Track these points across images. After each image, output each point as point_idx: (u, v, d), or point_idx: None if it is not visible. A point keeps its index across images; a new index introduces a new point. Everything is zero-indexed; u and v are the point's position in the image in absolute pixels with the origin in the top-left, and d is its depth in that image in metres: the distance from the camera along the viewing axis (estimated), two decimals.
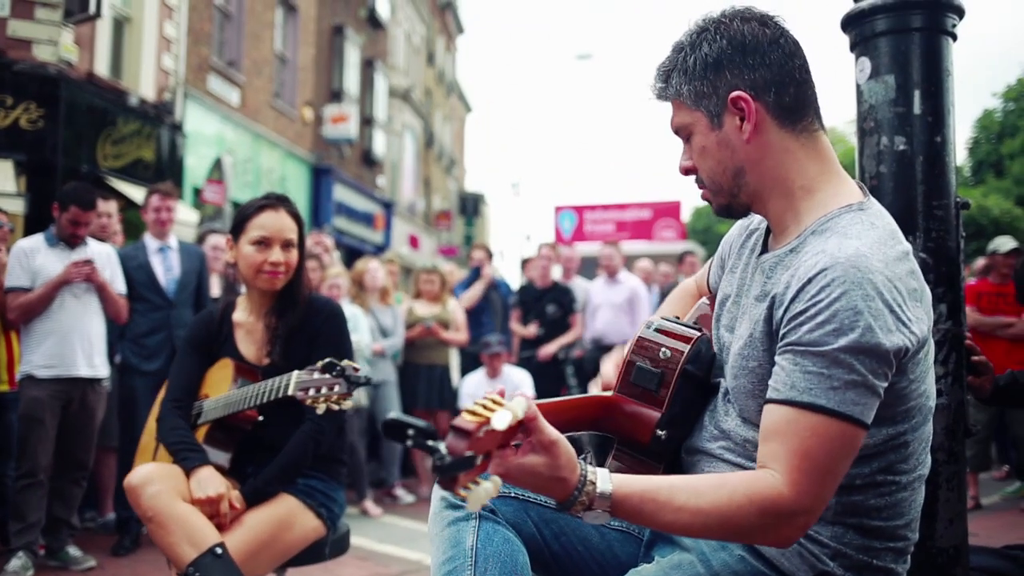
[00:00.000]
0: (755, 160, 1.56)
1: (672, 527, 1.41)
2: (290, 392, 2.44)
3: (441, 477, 1.21)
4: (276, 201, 2.88)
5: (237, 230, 2.87)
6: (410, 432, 1.29)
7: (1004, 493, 6.93)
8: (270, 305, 2.91)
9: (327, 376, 2.39)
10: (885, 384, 1.39)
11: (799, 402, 1.38)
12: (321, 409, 2.41)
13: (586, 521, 1.40)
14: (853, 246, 1.41)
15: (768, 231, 1.68)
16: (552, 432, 1.35)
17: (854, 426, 1.37)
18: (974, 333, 6.52)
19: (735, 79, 1.53)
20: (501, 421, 1.25)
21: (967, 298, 6.50)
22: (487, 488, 1.25)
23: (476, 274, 8.45)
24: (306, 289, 2.95)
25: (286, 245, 2.84)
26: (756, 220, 1.76)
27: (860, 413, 1.36)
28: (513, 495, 1.75)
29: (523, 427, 1.35)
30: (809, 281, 1.41)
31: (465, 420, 1.23)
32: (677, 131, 1.64)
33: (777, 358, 1.45)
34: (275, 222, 2.83)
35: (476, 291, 8.14)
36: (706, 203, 1.70)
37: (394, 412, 1.31)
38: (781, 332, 1.45)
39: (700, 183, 1.65)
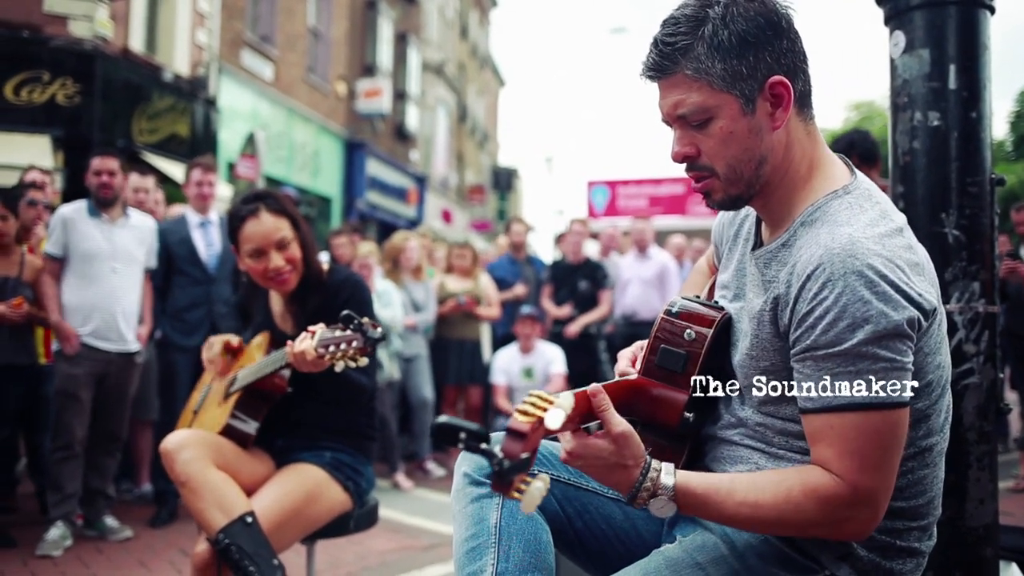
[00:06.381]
0: (777, 149, 1.50)
1: (734, 520, 1.43)
2: (312, 348, 2.43)
3: (498, 481, 1.21)
4: (254, 206, 2.82)
5: (235, 243, 2.86)
6: (462, 435, 1.27)
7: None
8: (289, 296, 2.92)
9: (347, 332, 2.38)
10: (912, 357, 1.37)
11: (835, 405, 1.36)
12: (339, 367, 2.38)
13: (653, 511, 1.43)
14: (845, 233, 1.39)
15: (758, 220, 1.65)
16: (622, 423, 1.42)
17: (896, 410, 1.35)
18: None
19: (773, 61, 1.46)
20: (554, 420, 1.25)
21: None
22: (539, 487, 1.25)
23: (511, 260, 8.39)
24: (322, 268, 2.93)
25: (280, 245, 2.79)
26: (744, 208, 1.72)
27: (898, 396, 1.35)
28: (536, 471, 1.74)
29: (593, 417, 1.41)
30: (808, 278, 1.39)
31: (519, 422, 1.24)
32: (684, 115, 1.48)
33: (797, 364, 1.42)
34: (259, 229, 2.78)
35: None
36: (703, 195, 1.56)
37: (444, 416, 1.30)
38: (792, 336, 1.43)
39: (704, 171, 1.52)
